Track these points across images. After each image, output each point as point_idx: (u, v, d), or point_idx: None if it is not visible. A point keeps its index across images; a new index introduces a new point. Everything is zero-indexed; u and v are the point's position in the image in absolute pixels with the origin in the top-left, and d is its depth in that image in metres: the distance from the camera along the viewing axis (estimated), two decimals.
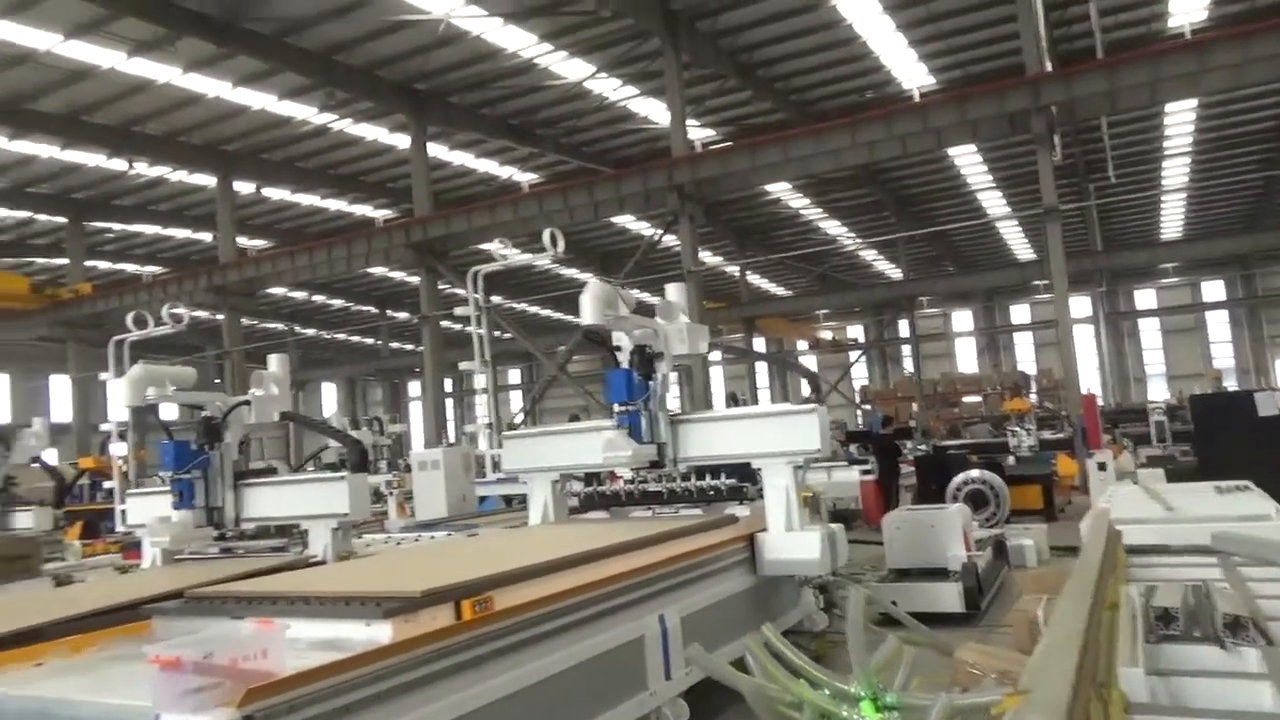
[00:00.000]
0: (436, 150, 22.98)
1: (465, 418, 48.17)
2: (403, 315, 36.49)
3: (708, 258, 28.33)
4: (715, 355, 34.87)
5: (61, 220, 26.65)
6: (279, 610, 3.32)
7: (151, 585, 5.26)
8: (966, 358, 43.59)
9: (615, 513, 6.71)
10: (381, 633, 3.05)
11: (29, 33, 16.49)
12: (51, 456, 15.74)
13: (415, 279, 23.89)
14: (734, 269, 34.32)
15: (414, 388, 48.42)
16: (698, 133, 22.21)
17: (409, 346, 42.33)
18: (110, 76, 18.49)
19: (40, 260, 30.17)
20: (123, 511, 7.35)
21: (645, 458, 6.19)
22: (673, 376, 7.10)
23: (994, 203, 30.74)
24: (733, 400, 22.79)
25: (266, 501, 6.59)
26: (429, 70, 19.63)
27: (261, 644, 2.61)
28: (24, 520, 11.06)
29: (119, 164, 23.28)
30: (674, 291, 6.92)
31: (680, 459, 6.39)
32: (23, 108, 19.48)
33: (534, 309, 39.39)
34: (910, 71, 21.06)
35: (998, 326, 43.60)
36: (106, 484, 11.09)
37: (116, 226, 28.54)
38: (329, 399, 50.05)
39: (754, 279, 38.34)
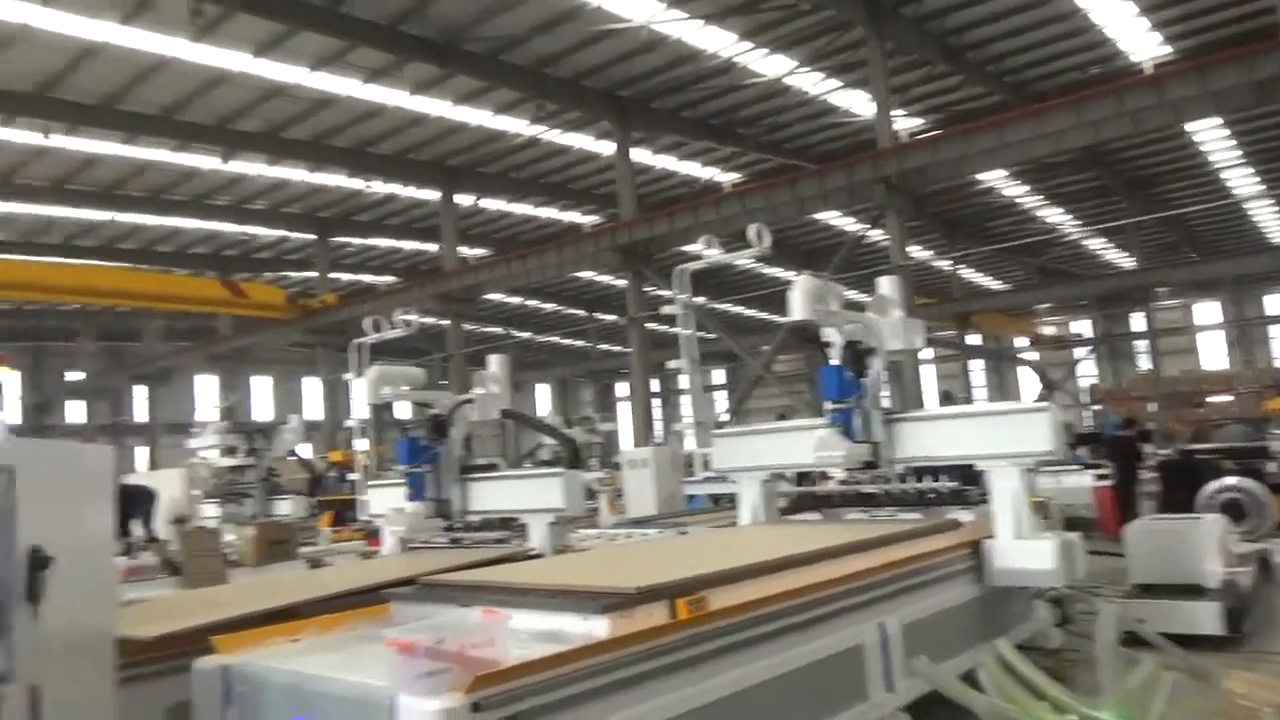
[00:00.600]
0: (640, 155, 23.45)
1: (672, 417, 48.91)
2: (610, 317, 37.54)
3: (916, 252, 27.15)
4: (926, 353, 33.44)
5: (310, 237, 29.47)
6: (502, 600, 3.44)
7: (389, 571, 5.64)
8: (1211, 353, 39.28)
9: (827, 514, 6.53)
10: (598, 627, 3.09)
11: (281, 68, 18.29)
12: (305, 450, 17.42)
13: (622, 282, 24.51)
14: (944, 263, 32.77)
15: (622, 388, 49.68)
16: (903, 122, 21.37)
17: (617, 348, 43.46)
18: (348, 103, 20.19)
19: (294, 274, 33.45)
20: (364, 502, 7.95)
21: (859, 458, 5.97)
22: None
23: (1241, 181, 27.54)
24: (947, 399, 21.76)
25: (489, 495, 6.92)
26: (632, 76, 20.04)
27: (488, 632, 2.71)
28: (283, 508, 12.27)
29: (357, 183, 25.44)
30: (887, 284, 6.65)
31: (896, 459, 6.12)
32: (277, 136, 21.64)
33: (737, 309, 39.34)
34: (1140, 42, 19.27)
35: (1250, 319, 39.00)
36: (351, 476, 12.09)
37: (356, 241, 31.22)
38: (543, 399, 52.29)
39: (966, 273, 36.43)
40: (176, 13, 15.27)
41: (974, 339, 35.98)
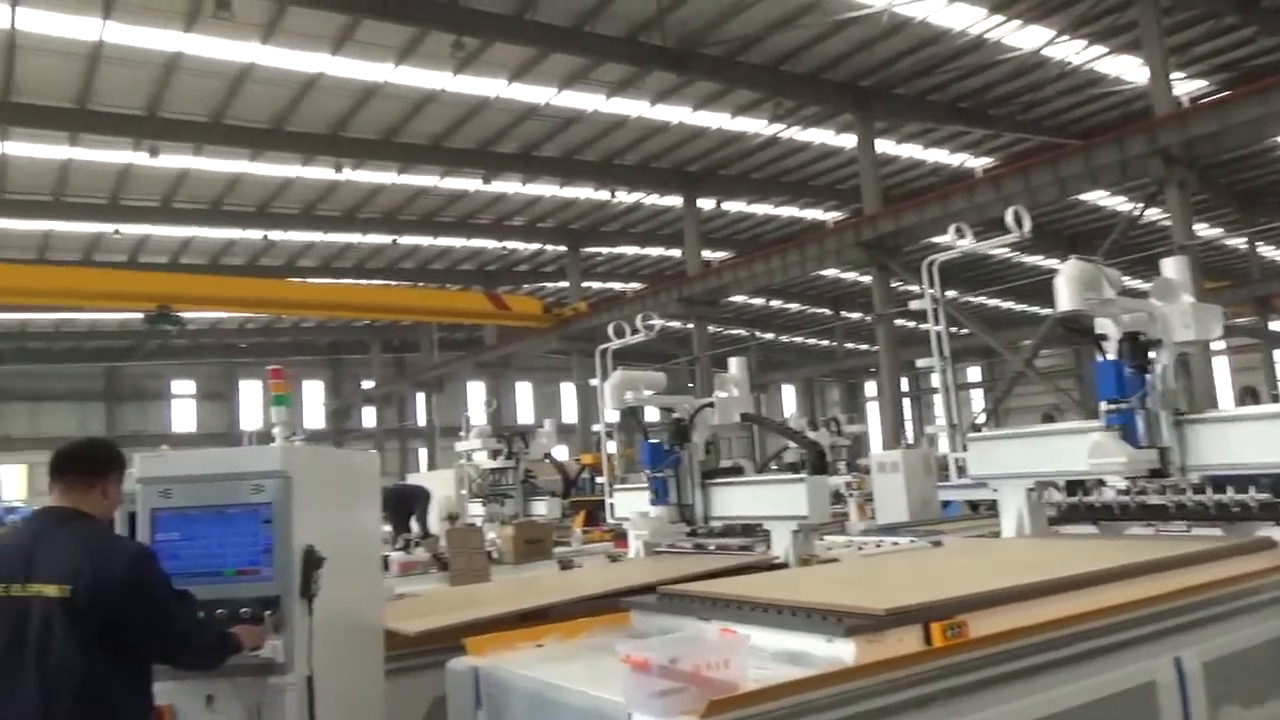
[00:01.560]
0: (883, 146, 22.57)
1: (923, 418, 46.75)
2: (856, 315, 36.45)
3: (1203, 230, 24.10)
4: (1218, 344, 29.60)
5: (562, 248, 31.00)
6: (742, 615, 3.31)
7: (632, 576, 5.69)
8: None
9: (1105, 528, 5.82)
10: (844, 651, 2.88)
11: (533, 90, 19.33)
12: (561, 453, 18.30)
13: (867, 278, 23.68)
14: (1238, 240, 28.87)
15: (870, 388, 48.16)
16: (1183, 86, 19.01)
17: (863, 346, 42.20)
18: (594, 118, 20.98)
19: (549, 284, 35.37)
20: (611, 504, 8.12)
21: (1143, 465, 5.26)
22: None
23: None
24: (1250, 396, 19.10)
25: (731, 501, 6.82)
26: (873, 65, 19.31)
27: (724, 652, 2.59)
28: (539, 508, 12.87)
29: (604, 195, 26.42)
30: (1172, 267, 5.83)
31: (1189, 467, 5.34)
32: (531, 155, 22.92)
33: (993, 301, 36.93)
34: None
35: None
36: (599, 478, 12.49)
37: (604, 250, 32.47)
38: (788, 400, 51.78)
39: (1266, 250, 31.90)
40: (440, 49, 16.56)
41: (1278, 325, 31.42)
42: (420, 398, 40.34)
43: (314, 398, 44.79)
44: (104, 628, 2.79)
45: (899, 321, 21.19)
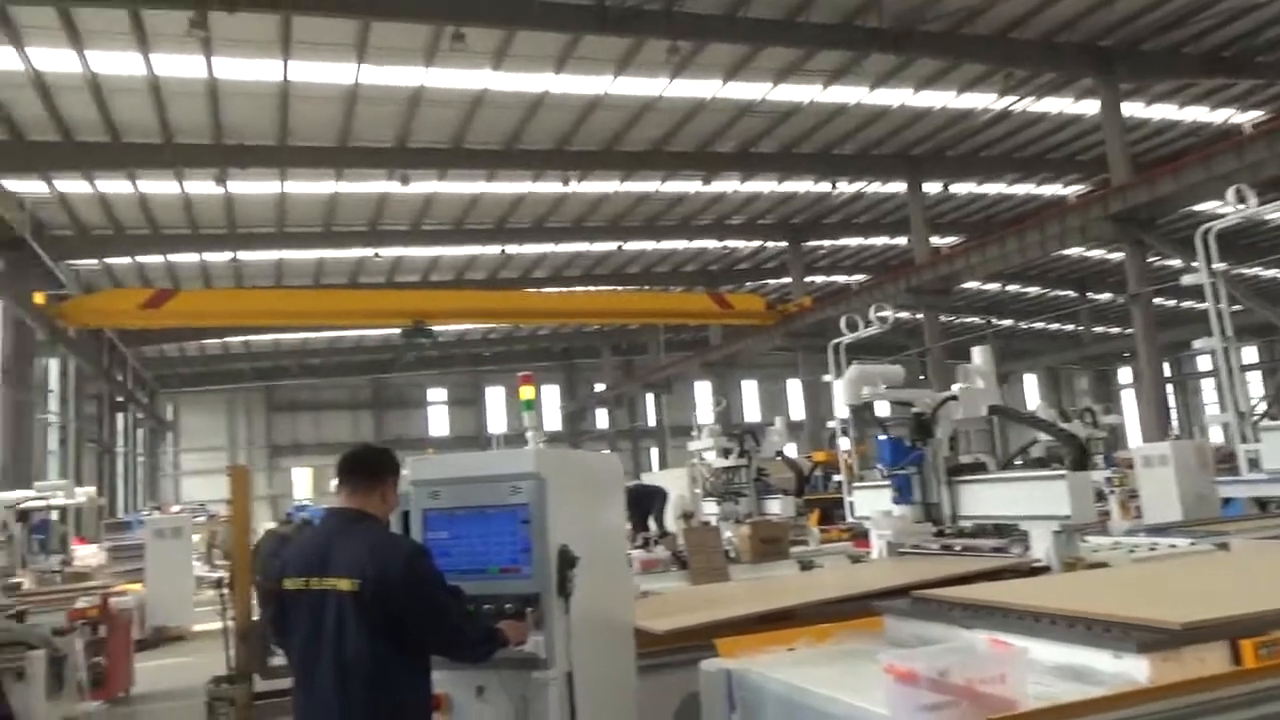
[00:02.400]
0: (1130, 109, 20.62)
1: (1189, 405, 42.25)
2: (1105, 296, 33.51)
3: None
4: None
5: (783, 244, 30.69)
6: (1010, 625, 3.08)
7: (879, 579, 5.48)
8: None
9: None
10: (1136, 669, 2.59)
11: (748, 87, 19.27)
12: (790, 450, 18.06)
13: (1117, 255, 21.71)
14: None
15: (1123, 374, 44.10)
16: None
17: (1114, 330, 38.71)
18: (811, 109, 20.61)
19: (771, 281, 35.16)
20: (850, 503, 7.90)
21: None
22: None
23: None
24: None
25: (982, 499, 6.43)
26: (1114, 21, 17.68)
27: (1000, 666, 2.40)
28: (773, 506, 12.77)
29: (824, 186, 25.89)
30: None
31: None
32: (748, 153, 22.87)
33: (1270, 273, 32.72)
34: None
35: None
36: (836, 476, 12.20)
37: (826, 243, 31.83)
38: (1031, 391, 48.43)
39: None
40: (656, 56, 16.87)
41: None
42: (650, 398, 41.35)
43: (550, 401, 47.08)
44: (387, 619, 3.03)
45: (1157, 300, 19.21)
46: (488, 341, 42.08)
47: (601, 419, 47.73)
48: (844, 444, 10.78)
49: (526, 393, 4.21)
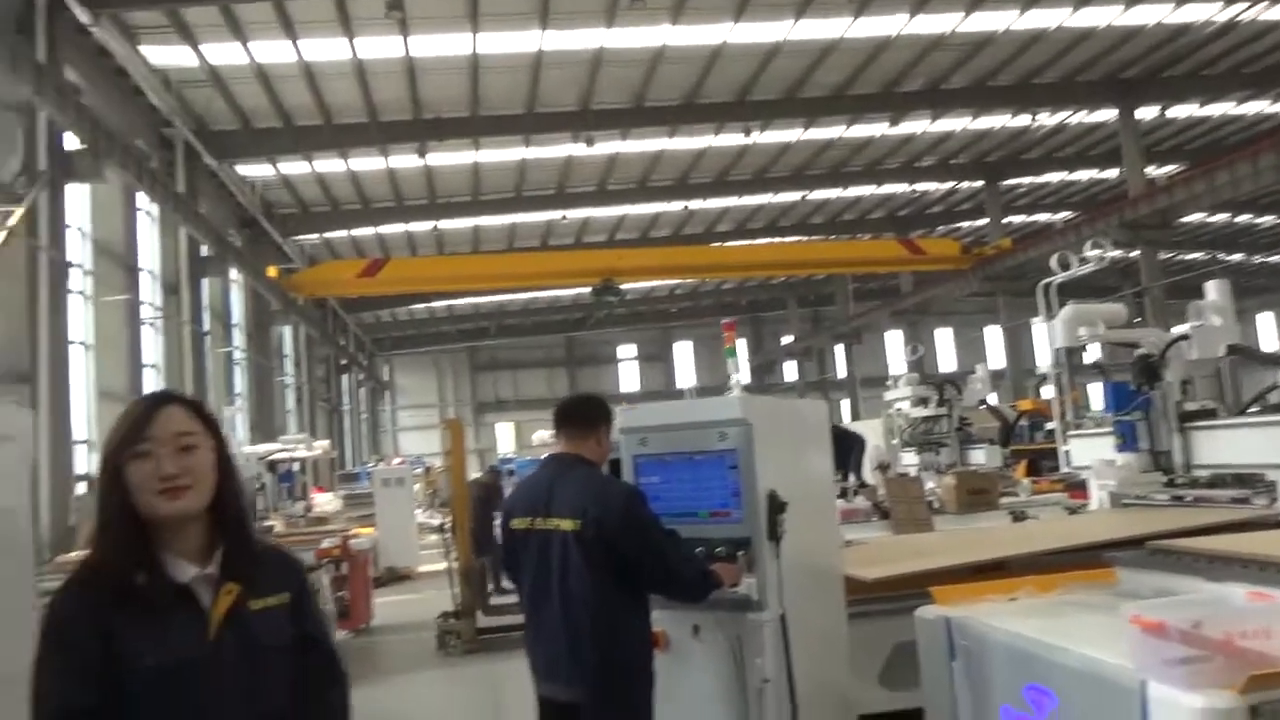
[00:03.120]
0: None
1: None
2: None
3: None
4: None
5: (978, 184, 29.02)
6: (1269, 578, 2.83)
7: (1104, 529, 5.17)
8: None
9: None
10: None
11: (937, 19, 18.20)
12: (992, 399, 17.24)
13: None
14: None
15: None
16: None
17: None
18: (1006, 37, 19.22)
19: (965, 224, 33.40)
20: (1066, 452, 7.46)
21: None
22: None
23: None
24: None
25: (1219, 447, 5.90)
26: None
27: (1263, 619, 2.22)
28: (977, 457, 12.29)
29: (1023, 120, 24.19)
30: None
31: None
32: (939, 90, 21.68)
33: None
34: None
35: None
36: (1049, 425, 11.52)
37: (1025, 180, 29.82)
38: (1267, 329, 43.75)
39: None
40: None
41: None
42: (839, 350, 40.54)
43: (741, 355, 47.20)
44: (607, 557, 3.19)
45: None
46: (674, 297, 42.53)
47: (789, 372, 47.34)
48: (1053, 390, 10.15)
49: (729, 341, 4.23)
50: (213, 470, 1.80)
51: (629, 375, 48.48)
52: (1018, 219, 32.73)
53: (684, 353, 48.44)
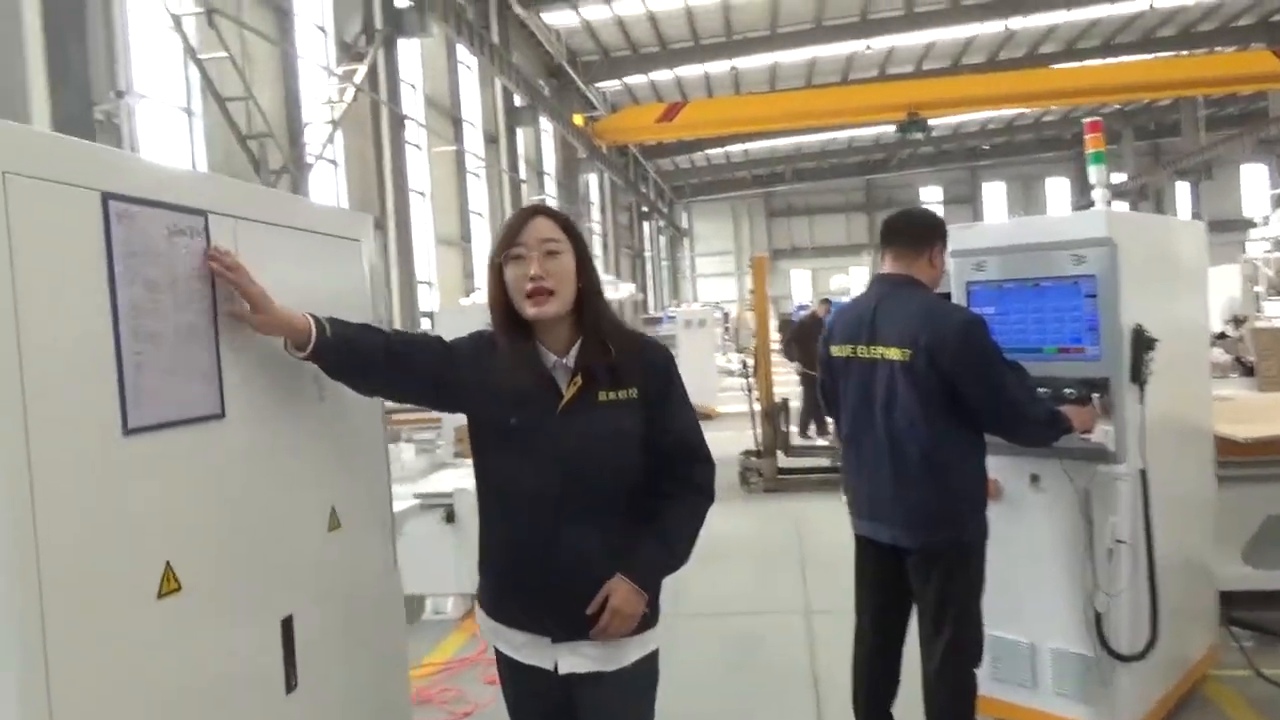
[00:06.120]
0: None
1: None
2: None
3: None
4: None
5: None
6: None
7: None
8: None
9: None
10: None
11: None
12: None
13: None
14: None
15: None
16: None
17: None
18: None
19: None
20: None
21: None
22: None
23: None
24: None
25: None
26: None
27: None
28: None
29: None
30: None
31: None
32: None
33: None
34: None
35: None
36: None
37: None
38: None
39: None
40: None
41: None
42: (1182, 188, 35.33)
43: (1059, 196, 42.81)
44: (940, 390, 2.84)
45: None
46: (986, 133, 38.90)
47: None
48: None
49: (1094, 145, 3.62)
50: (574, 275, 2.01)
51: None
52: None
53: (995, 194, 44.72)
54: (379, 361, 1.98)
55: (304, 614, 1.94)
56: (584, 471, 1.98)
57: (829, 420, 3.60)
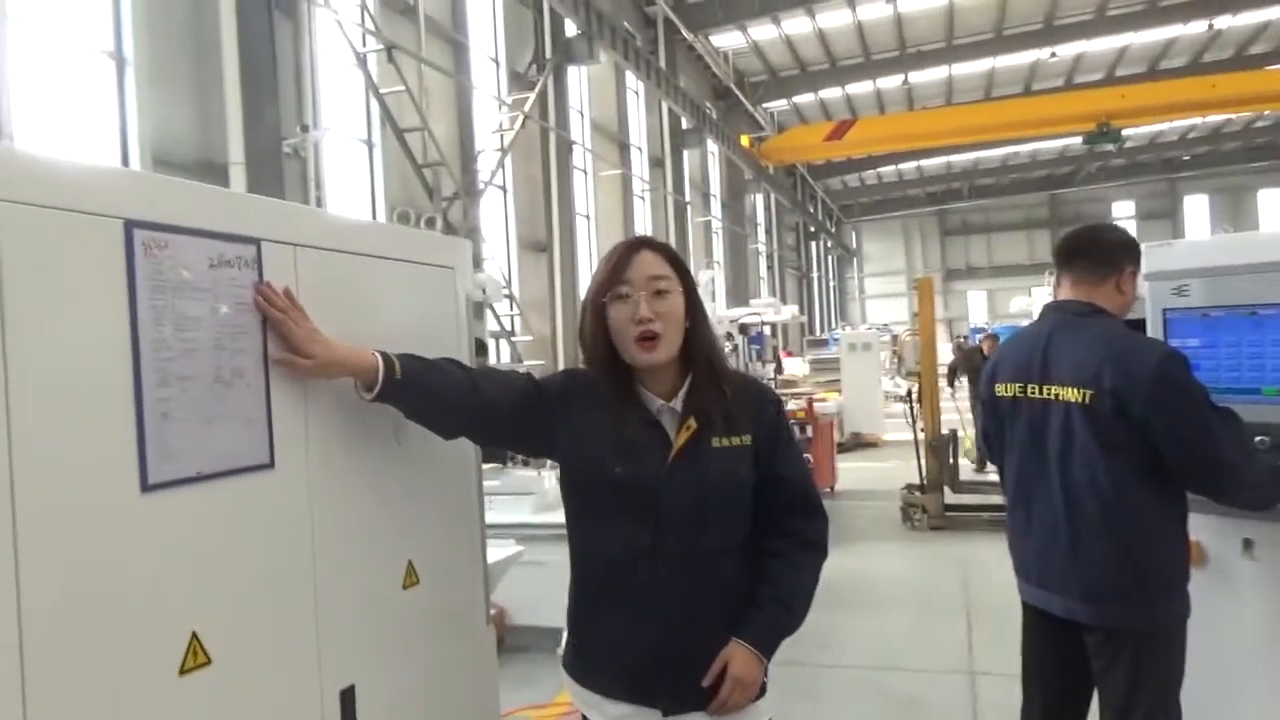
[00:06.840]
0: None
1: None
2: None
3: None
4: None
5: None
6: None
7: None
8: None
9: None
10: None
11: None
12: None
13: None
14: None
15: None
16: None
17: None
18: None
19: None
20: None
21: None
22: None
23: None
24: None
25: None
26: None
27: None
28: None
29: None
30: None
31: None
32: None
33: None
34: None
35: None
36: None
37: None
38: None
39: None
40: None
41: None
42: None
43: (1273, 210, 38.74)
44: (1129, 438, 2.39)
45: None
46: (1186, 142, 35.68)
47: None
48: None
49: None
50: (683, 315, 1.87)
51: None
52: None
53: (1197, 208, 40.96)
54: (458, 402, 1.82)
55: (369, 683, 1.77)
56: (696, 524, 1.81)
57: (991, 466, 3.12)
